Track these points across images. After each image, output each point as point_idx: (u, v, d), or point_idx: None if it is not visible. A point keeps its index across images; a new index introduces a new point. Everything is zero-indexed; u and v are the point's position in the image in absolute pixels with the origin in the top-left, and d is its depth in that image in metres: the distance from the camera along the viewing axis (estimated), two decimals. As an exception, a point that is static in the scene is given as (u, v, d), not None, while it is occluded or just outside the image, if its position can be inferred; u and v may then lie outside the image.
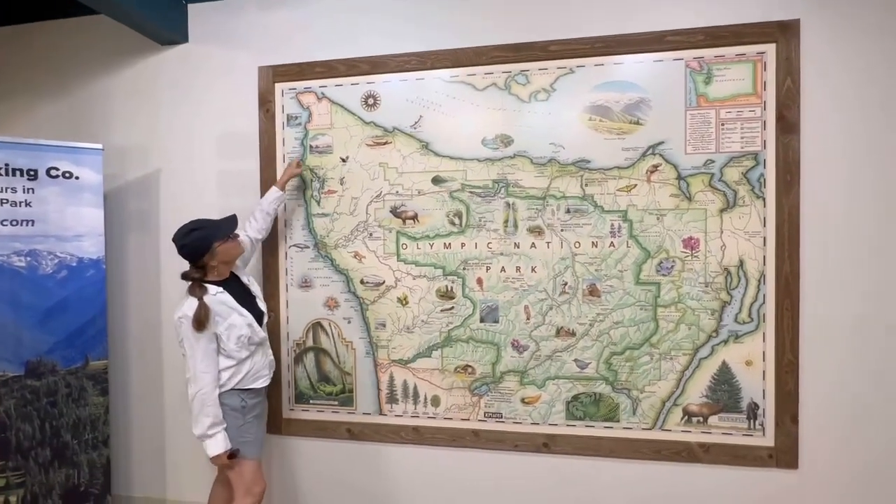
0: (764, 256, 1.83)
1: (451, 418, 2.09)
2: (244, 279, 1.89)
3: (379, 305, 2.13)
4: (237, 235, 1.81)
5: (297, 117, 2.18)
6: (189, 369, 1.70)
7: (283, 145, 2.19)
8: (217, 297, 1.73)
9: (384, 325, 2.13)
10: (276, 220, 2.14)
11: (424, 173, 2.07)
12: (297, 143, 2.18)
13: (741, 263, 1.85)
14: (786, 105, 1.79)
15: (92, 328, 2.18)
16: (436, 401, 2.10)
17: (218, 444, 1.70)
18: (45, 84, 2.49)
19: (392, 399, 2.14)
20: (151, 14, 2.14)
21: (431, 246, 2.07)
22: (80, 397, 2.15)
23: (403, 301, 2.10)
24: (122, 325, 2.42)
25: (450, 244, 2.06)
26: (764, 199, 1.82)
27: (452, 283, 2.06)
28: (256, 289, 1.92)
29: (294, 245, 2.19)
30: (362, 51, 2.12)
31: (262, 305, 1.90)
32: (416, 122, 2.07)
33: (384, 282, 2.12)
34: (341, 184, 2.14)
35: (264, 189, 2.20)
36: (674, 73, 1.87)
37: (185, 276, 1.76)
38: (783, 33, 1.79)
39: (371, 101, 2.11)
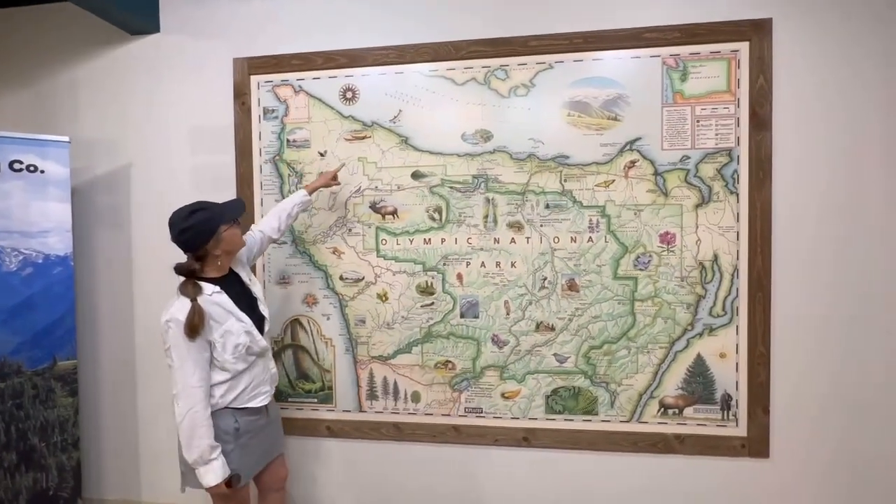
0: (737, 251, 1.87)
1: (431, 414, 2.08)
2: (245, 278, 1.67)
3: (358, 302, 2.11)
4: (240, 223, 1.61)
5: (273, 111, 2.14)
6: (176, 383, 1.44)
7: (260, 139, 2.15)
8: (212, 297, 1.50)
9: (364, 322, 2.11)
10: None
11: (404, 168, 2.05)
12: (273, 137, 2.13)
13: (715, 258, 1.88)
14: (758, 102, 1.83)
15: (60, 327, 2.11)
16: (416, 397, 2.09)
17: (216, 472, 1.45)
18: (7, 74, 2.39)
19: (372, 396, 2.12)
20: (120, 2, 2.07)
21: (411, 241, 2.06)
22: (47, 399, 2.08)
23: (383, 297, 2.09)
24: (92, 323, 2.34)
25: (430, 240, 2.05)
26: (737, 195, 1.86)
27: (432, 278, 2.05)
28: (258, 290, 1.70)
29: (271, 241, 2.15)
30: (340, 43, 2.09)
31: (265, 310, 1.68)
32: (395, 117, 2.05)
33: (363, 278, 2.10)
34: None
35: (240, 184, 2.16)
36: (651, 70, 1.89)
37: (181, 269, 1.51)
38: (756, 32, 1.82)
39: (349, 94, 2.08)
